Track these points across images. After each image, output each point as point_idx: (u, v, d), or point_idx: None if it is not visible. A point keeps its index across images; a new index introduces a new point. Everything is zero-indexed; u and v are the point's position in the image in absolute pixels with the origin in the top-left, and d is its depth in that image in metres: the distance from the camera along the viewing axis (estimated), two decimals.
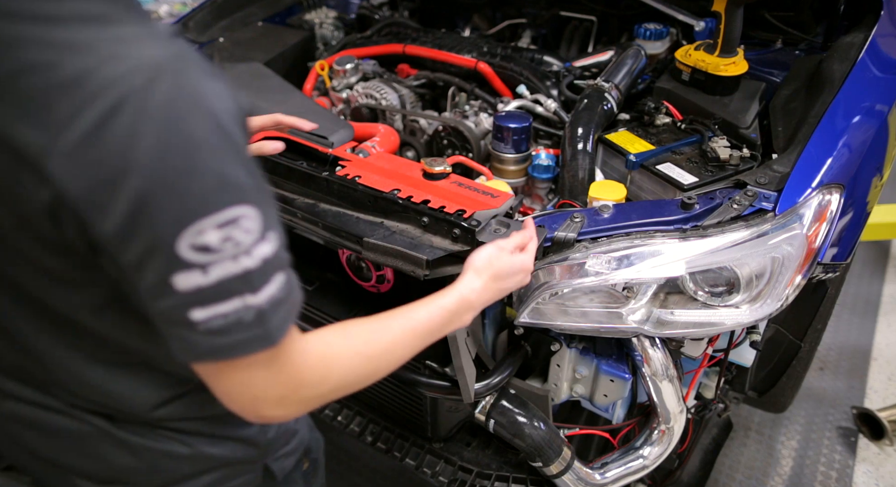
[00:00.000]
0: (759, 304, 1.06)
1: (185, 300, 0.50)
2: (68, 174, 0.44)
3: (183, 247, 0.47)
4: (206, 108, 0.47)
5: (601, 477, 1.33)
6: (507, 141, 1.38)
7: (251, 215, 0.49)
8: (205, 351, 0.53)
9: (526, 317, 1.14)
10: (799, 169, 1.13)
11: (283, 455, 0.84)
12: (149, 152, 0.45)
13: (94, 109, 0.44)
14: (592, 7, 1.85)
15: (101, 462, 0.72)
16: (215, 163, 0.47)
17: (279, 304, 0.53)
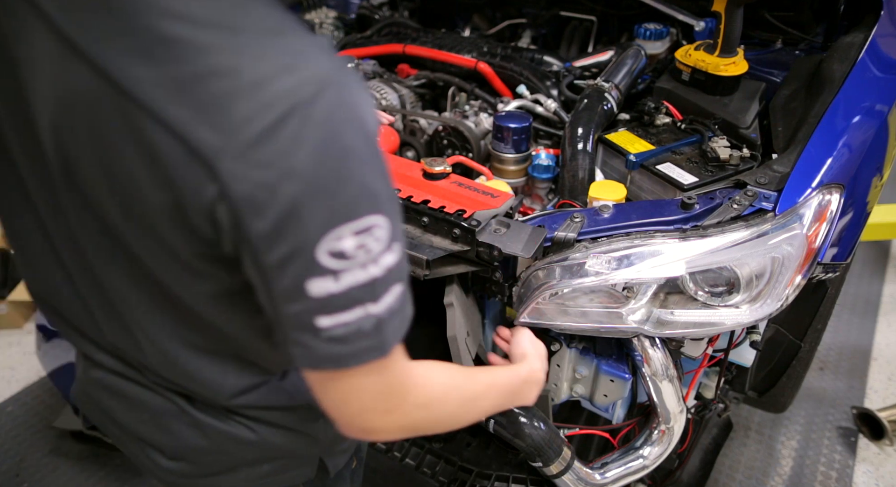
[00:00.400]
0: (759, 304, 1.06)
1: (314, 306, 0.52)
2: (235, 174, 0.47)
3: (321, 253, 0.50)
4: (361, 121, 0.50)
5: (601, 477, 1.33)
6: (507, 141, 1.38)
7: (383, 224, 0.51)
8: (324, 358, 0.55)
9: (526, 317, 1.14)
10: (799, 169, 1.13)
11: (338, 453, 0.86)
12: (308, 159, 0.47)
13: (266, 116, 0.46)
14: (592, 7, 1.85)
15: (173, 438, 0.76)
16: (362, 173, 0.50)
17: (395, 314, 0.55)
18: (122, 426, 0.79)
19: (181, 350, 0.68)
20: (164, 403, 0.75)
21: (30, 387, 2.19)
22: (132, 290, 0.64)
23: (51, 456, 1.93)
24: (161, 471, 0.80)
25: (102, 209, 0.57)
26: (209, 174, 0.48)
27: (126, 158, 0.50)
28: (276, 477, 0.82)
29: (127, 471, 1.87)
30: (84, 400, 0.83)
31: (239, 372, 0.71)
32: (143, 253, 0.59)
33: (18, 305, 2.44)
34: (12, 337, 2.43)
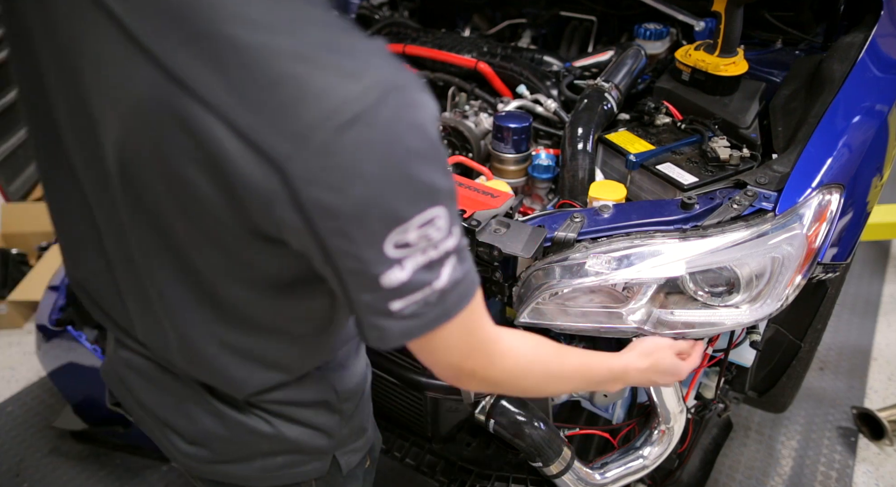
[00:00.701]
0: (759, 304, 1.06)
1: (387, 294, 0.55)
2: (306, 178, 0.49)
3: (389, 246, 0.53)
4: (422, 123, 0.52)
5: (601, 477, 1.33)
6: (507, 141, 1.38)
7: (443, 215, 0.54)
8: (397, 335, 0.59)
9: (526, 317, 1.14)
10: (799, 169, 1.13)
11: (351, 451, 0.88)
12: (374, 162, 0.49)
13: (333, 122, 0.48)
14: (592, 7, 1.85)
15: (193, 423, 0.79)
16: (425, 172, 0.52)
17: (457, 284, 0.59)
18: (145, 407, 0.82)
19: (211, 347, 0.70)
20: (186, 390, 0.77)
21: (30, 387, 2.19)
22: (173, 286, 0.66)
23: (51, 456, 1.93)
24: (179, 455, 0.82)
25: (158, 208, 0.59)
26: (280, 179, 0.50)
27: (191, 162, 0.52)
28: (289, 470, 0.83)
29: (127, 471, 1.88)
30: (112, 377, 0.86)
31: (264, 373, 0.74)
32: (194, 253, 0.62)
33: (18, 305, 2.44)
34: (12, 337, 2.43)
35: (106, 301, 0.77)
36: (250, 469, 0.82)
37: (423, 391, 1.30)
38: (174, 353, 0.73)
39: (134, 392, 0.82)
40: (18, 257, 2.70)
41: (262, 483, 0.84)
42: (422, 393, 1.32)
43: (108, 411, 1.80)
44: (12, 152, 3.11)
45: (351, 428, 0.86)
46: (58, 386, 1.85)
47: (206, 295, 0.66)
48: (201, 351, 0.70)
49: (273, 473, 0.83)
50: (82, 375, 1.72)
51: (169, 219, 0.60)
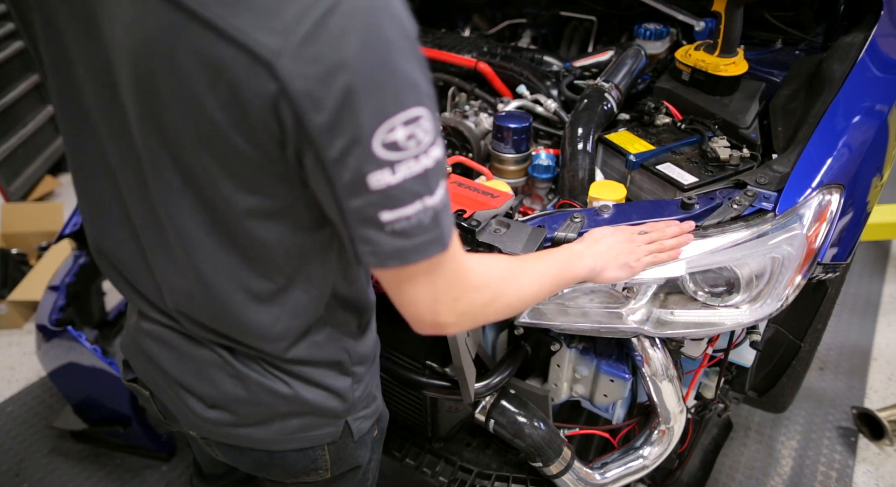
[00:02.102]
0: (759, 304, 1.06)
1: (376, 199, 0.56)
2: (293, 72, 0.51)
3: (377, 144, 0.54)
4: (397, 15, 0.53)
5: (601, 477, 1.33)
6: (507, 141, 1.38)
7: (427, 116, 0.55)
8: (390, 253, 0.59)
9: (526, 317, 1.14)
10: (799, 169, 1.13)
11: (362, 417, 0.90)
12: (355, 51, 0.51)
13: (313, 13, 0.50)
14: (592, 7, 1.85)
15: (213, 387, 0.81)
16: (404, 64, 0.53)
17: (447, 207, 0.60)
18: (166, 375, 0.85)
19: (238, 295, 0.72)
20: (209, 354, 0.80)
21: (30, 387, 2.19)
22: (198, 231, 0.68)
23: (51, 456, 1.93)
24: (198, 420, 0.85)
25: (178, 145, 0.61)
26: (270, 76, 0.52)
27: (196, 79, 0.54)
28: (304, 434, 0.86)
29: (127, 471, 1.88)
30: (132, 349, 0.89)
31: (289, 318, 0.76)
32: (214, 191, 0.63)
33: (18, 305, 2.44)
34: (12, 337, 2.43)
35: (131, 272, 0.79)
36: (268, 432, 0.84)
37: (423, 391, 1.30)
38: (200, 309, 0.75)
39: (156, 360, 0.85)
40: (18, 257, 2.70)
41: (279, 446, 0.86)
42: (421, 393, 1.32)
43: (108, 411, 1.81)
44: (12, 152, 3.11)
45: (362, 393, 0.89)
46: (58, 386, 1.85)
47: (230, 238, 0.67)
48: (228, 299, 0.72)
49: (289, 436, 0.85)
50: (82, 375, 1.72)
51: (190, 155, 0.61)
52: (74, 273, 1.92)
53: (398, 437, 1.55)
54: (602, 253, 0.96)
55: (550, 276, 0.84)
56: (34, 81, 3.26)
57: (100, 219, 0.78)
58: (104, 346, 1.96)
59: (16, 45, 3.14)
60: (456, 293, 0.66)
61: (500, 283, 0.73)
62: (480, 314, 0.72)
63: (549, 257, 0.88)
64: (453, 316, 0.67)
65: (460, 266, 0.66)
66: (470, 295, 0.68)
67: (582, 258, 0.93)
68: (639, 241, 1.01)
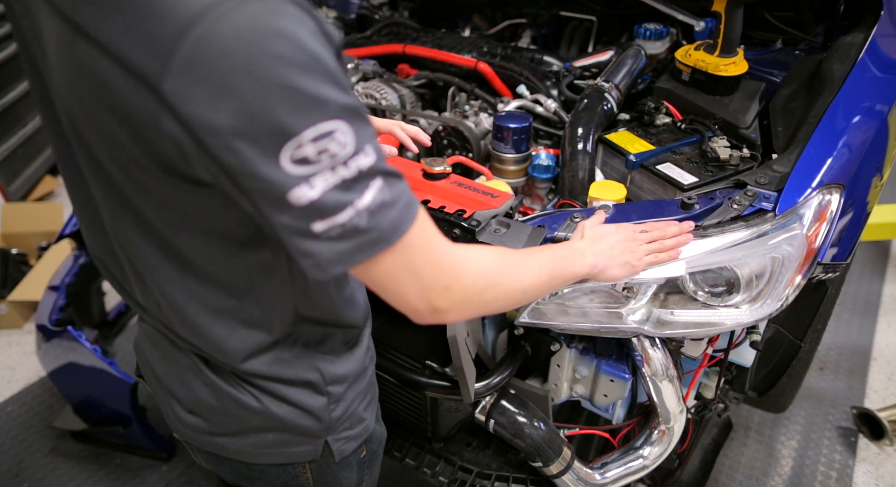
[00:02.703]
0: (759, 304, 1.06)
1: (303, 213, 0.54)
2: (180, 95, 0.49)
3: (285, 162, 0.52)
4: (289, 31, 0.50)
5: (601, 477, 1.33)
6: (507, 141, 1.38)
7: (343, 129, 0.53)
8: (332, 259, 0.58)
9: (526, 317, 1.14)
10: (799, 169, 1.13)
11: (345, 438, 0.89)
12: (241, 73, 0.49)
13: (192, 33, 0.48)
14: (592, 7, 1.85)
15: (190, 392, 0.82)
16: (305, 82, 0.50)
17: (387, 205, 0.58)
18: (157, 375, 0.86)
19: (191, 305, 0.72)
20: (186, 360, 0.80)
21: (30, 387, 2.19)
22: (143, 246, 0.68)
23: (51, 456, 1.93)
24: (180, 423, 0.86)
25: (103, 163, 0.61)
26: (157, 99, 0.50)
27: (100, 105, 0.54)
28: (280, 450, 0.85)
29: (127, 471, 1.88)
30: (137, 346, 0.91)
31: (245, 331, 0.75)
32: (139, 202, 0.63)
33: (18, 305, 2.44)
34: (12, 337, 2.43)
35: (119, 274, 0.80)
36: (243, 443, 0.84)
37: (423, 391, 1.30)
38: (168, 317, 0.75)
39: (150, 362, 0.86)
40: (18, 257, 2.70)
41: (255, 459, 0.86)
42: (421, 393, 1.32)
43: (108, 411, 1.81)
44: (12, 152, 3.11)
45: (342, 414, 0.86)
46: (58, 386, 1.85)
47: (171, 251, 0.67)
48: (183, 309, 0.72)
49: (265, 450, 0.85)
50: (82, 375, 1.72)
51: (114, 175, 0.61)
52: (74, 273, 1.92)
53: (398, 437, 1.55)
54: (604, 252, 0.94)
55: (550, 270, 0.83)
56: None
57: (89, 224, 0.79)
58: (104, 346, 1.96)
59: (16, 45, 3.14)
60: (447, 281, 0.65)
61: (496, 272, 0.72)
62: (478, 302, 0.70)
63: (549, 251, 0.87)
64: (449, 302, 0.66)
65: (441, 253, 0.65)
66: (464, 282, 0.67)
67: (584, 255, 0.91)
68: (640, 240, 1.01)
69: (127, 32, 0.50)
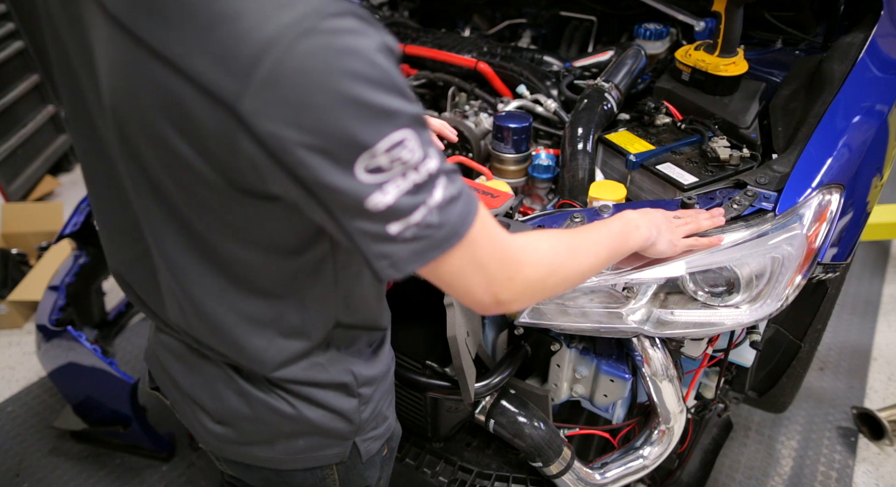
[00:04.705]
0: (759, 304, 1.06)
1: (380, 217, 0.56)
2: (258, 114, 0.51)
3: (361, 172, 0.54)
4: (361, 47, 0.52)
5: (601, 477, 1.33)
6: (507, 141, 1.38)
7: (411, 137, 0.55)
8: (408, 258, 0.60)
9: (526, 317, 1.14)
10: (799, 169, 1.13)
11: (371, 438, 0.90)
12: (318, 90, 0.50)
13: (271, 54, 0.49)
14: (592, 7, 1.85)
15: (220, 402, 0.82)
16: (376, 95, 0.52)
17: (454, 200, 0.60)
18: (180, 387, 0.86)
19: (229, 317, 0.73)
20: (216, 369, 0.81)
21: (30, 387, 2.19)
22: (184, 258, 0.69)
23: (51, 456, 1.93)
24: (207, 434, 0.85)
25: (157, 178, 0.62)
26: (234, 118, 0.51)
27: (166, 122, 0.55)
28: (310, 454, 0.85)
29: (127, 471, 1.88)
30: (153, 360, 0.90)
31: (284, 341, 0.76)
32: (195, 219, 0.64)
33: (18, 305, 2.44)
34: (12, 337, 2.43)
35: (143, 288, 0.80)
36: (273, 451, 0.84)
37: (423, 391, 1.30)
38: (199, 329, 0.76)
39: (171, 373, 0.86)
40: (18, 257, 2.70)
41: (285, 466, 0.86)
42: (422, 393, 1.32)
43: (108, 411, 1.81)
44: (12, 152, 3.11)
45: (370, 415, 0.88)
46: (58, 386, 1.85)
47: (215, 262, 0.68)
48: (220, 321, 0.73)
49: (295, 456, 0.85)
50: (82, 375, 1.72)
51: (166, 188, 0.62)
52: (74, 273, 1.92)
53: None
54: (654, 226, 0.94)
55: (606, 247, 0.83)
56: (34, 81, 3.27)
57: (112, 237, 0.79)
58: (104, 346, 1.96)
59: (16, 45, 3.13)
60: (509, 272, 0.67)
61: (554, 258, 0.73)
62: (541, 289, 0.71)
63: (604, 227, 0.86)
64: (512, 293, 0.68)
65: (502, 245, 0.66)
66: (526, 271, 0.68)
67: (638, 227, 0.91)
68: (676, 223, 1.02)
69: (203, 53, 0.51)
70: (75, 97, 0.68)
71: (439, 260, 0.61)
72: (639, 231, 0.91)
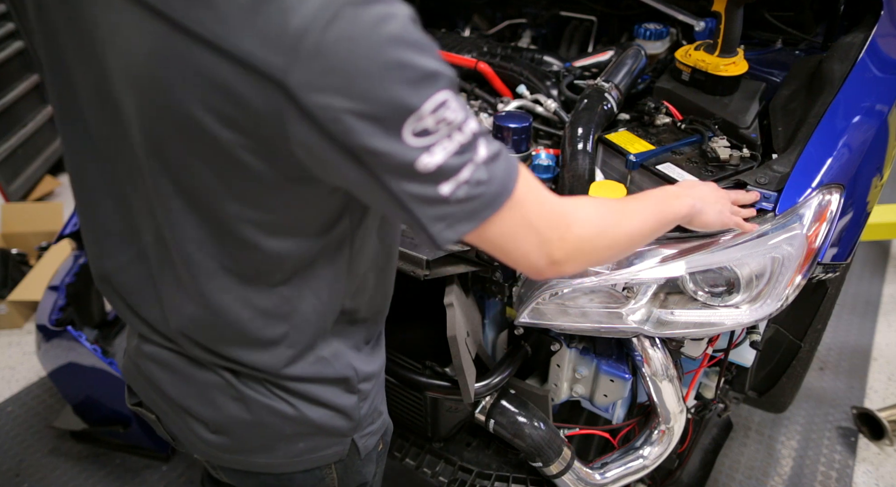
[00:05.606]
0: (759, 304, 1.06)
1: (431, 178, 0.57)
2: (306, 87, 0.51)
3: (408, 136, 0.54)
4: (397, 13, 0.53)
5: (601, 477, 1.33)
6: (507, 141, 1.38)
7: (452, 97, 0.56)
8: (463, 218, 0.60)
9: (526, 317, 1.14)
10: (799, 169, 1.13)
11: (369, 433, 0.90)
12: (364, 56, 0.51)
13: (318, 24, 0.50)
14: (592, 7, 1.85)
15: (216, 410, 0.81)
16: (418, 58, 0.53)
17: (497, 156, 0.61)
18: (169, 399, 0.83)
19: (244, 312, 0.72)
20: (212, 377, 0.79)
21: (30, 387, 2.19)
22: (201, 253, 0.68)
23: (51, 456, 1.93)
24: (202, 444, 0.84)
25: (181, 165, 0.61)
26: (282, 93, 0.51)
27: (206, 109, 0.54)
28: (310, 456, 0.85)
29: (127, 471, 1.88)
30: (134, 374, 0.87)
31: (295, 335, 0.76)
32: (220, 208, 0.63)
33: (18, 305, 2.44)
34: (12, 337, 2.43)
35: (133, 295, 0.79)
36: (273, 457, 0.84)
37: (423, 391, 1.30)
38: (206, 331, 0.74)
39: (159, 384, 0.84)
40: (18, 257, 2.70)
41: (285, 469, 0.86)
42: (422, 393, 1.32)
43: (108, 411, 1.81)
44: (12, 152, 3.11)
45: (368, 410, 0.88)
46: (58, 386, 1.85)
47: (234, 257, 0.68)
48: (235, 318, 0.72)
49: (295, 458, 0.85)
50: (82, 375, 1.72)
51: (197, 179, 0.61)
52: (74, 273, 1.92)
53: (398, 437, 1.55)
54: (700, 196, 0.95)
55: (652, 212, 0.83)
56: (34, 81, 3.27)
57: (103, 240, 0.77)
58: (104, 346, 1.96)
59: (16, 45, 3.14)
60: (560, 230, 0.67)
61: (602, 219, 0.73)
62: (591, 250, 0.72)
63: (646, 196, 0.87)
64: (564, 252, 0.68)
65: (550, 204, 0.67)
66: (575, 230, 0.69)
67: (679, 197, 0.92)
68: (728, 196, 1.03)
69: (247, 30, 0.51)
70: (67, 96, 0.67)
71: (492, 222, 0.62)
72: (680, 200, 0.91)
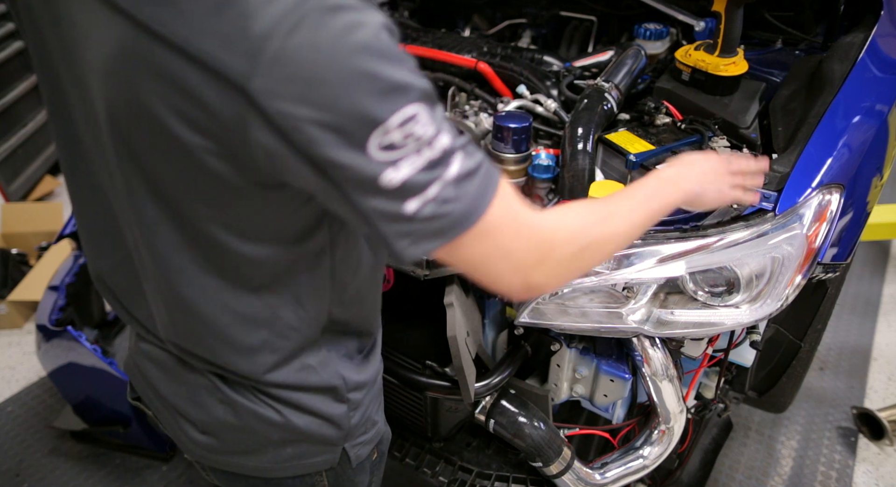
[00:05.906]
0: (759, 304, 1.06)
1: (396, 195, 0.55)
2: (268, 93, 0.50)
3: (374, 150, 0.53)
4: (367, 22, 0.52)
5: (601, 477, 1.33)
6: (507, 141, 1.38)
7: (424, 112, 0.54)
8: (429, 235, 0.58)
9: (526, 317, 1.14)
10: (799, 169, 1.13)
11: (360, 443, 0.89)
12: (328, 64, 0.50)
13: (281, 29, 0.49)
14: (592, 7, 1.85)
15: (204, 412, 0.80)
16: (386, 68, 0.52)
17: (471, 173, 0.58)
18: (162, 397, 0.84)
19: (223, 316, 0.71)
20: (200, 379, 0.79)
21: (30, 387, 2.19)
22: (178, 257, 0.67)
23: (51, 456, 1.93)
24: (191, 444, 0.84)
25: (151, 168, 0.60)
26: (244, 98, 0.50)
27: (169, 110, 0.53)
28: (299, 462, 0.84)
29: (127, 471, 1.88)
30: (133, 370, 0.88)
31: (277, 341, 0.75)
32: (191, 211, 0.62)
33: (18, 305, 2.44)
34: (12, 337, 2.43)
35: (126, 295, 0.79)
36: (260, 460, 0.83)
37: (423, 391, 1.30)
38: (188, 335, 0.74)
39: (153, 382, 0.84)
40: (18, 257, 2.70)
41: (274, 474, 0.85)
42: (422, 393, 1.32)
43: (108, 411, 1.81)
44: (12, 152, 3.11)
45: (359, 420, 0.87)
46: (58, 386, 1.85)
47: (211, 260, 0.67)
48: (214, 323, 0.71)
49: (283, 463, 0.84)
50: (82, 375, 1.72)
51: (163, 180, 0.61)
52: (74, 273, 1.92)
53: (398, 437, 1.55)
54: (698, 178, 0.91)
55: (643, 211, 0.79)
56: (34, 81, 3.27)
57: (97, 240, 0.77)
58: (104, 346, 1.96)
59: (16, 45, 3.14)
60: (539, 255, 0.64)
61: (587, 233, 0.69)
62: (574, 268, 0.69)
63: (638, 190, 0.82)
64: (543, 277, 0.65)
65: (529, 225, 0.64)
66: (557, 252, 0.65)
67: (676, 183, 0.87)
68: (727, 169, 0.98)
69: (210, 33, 0.50)
70: (56, 95, 0.67)
71: (460, 242, 0.59)
72: (676, 186, 0.86)
